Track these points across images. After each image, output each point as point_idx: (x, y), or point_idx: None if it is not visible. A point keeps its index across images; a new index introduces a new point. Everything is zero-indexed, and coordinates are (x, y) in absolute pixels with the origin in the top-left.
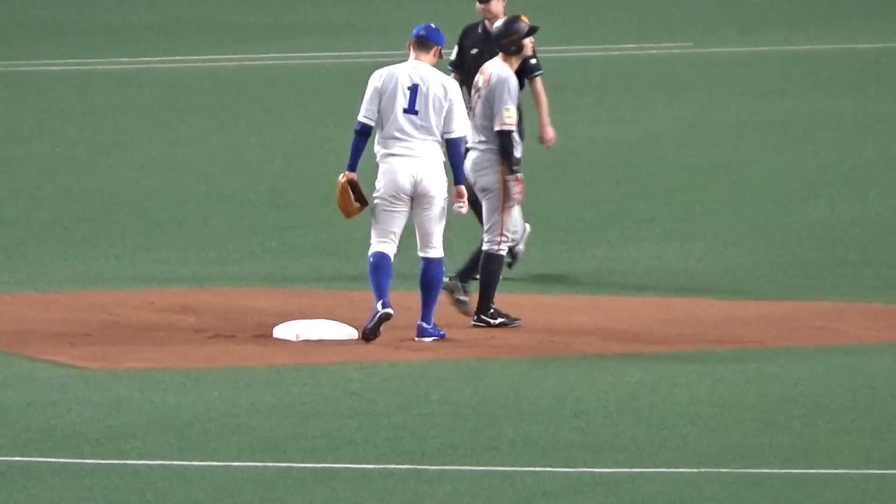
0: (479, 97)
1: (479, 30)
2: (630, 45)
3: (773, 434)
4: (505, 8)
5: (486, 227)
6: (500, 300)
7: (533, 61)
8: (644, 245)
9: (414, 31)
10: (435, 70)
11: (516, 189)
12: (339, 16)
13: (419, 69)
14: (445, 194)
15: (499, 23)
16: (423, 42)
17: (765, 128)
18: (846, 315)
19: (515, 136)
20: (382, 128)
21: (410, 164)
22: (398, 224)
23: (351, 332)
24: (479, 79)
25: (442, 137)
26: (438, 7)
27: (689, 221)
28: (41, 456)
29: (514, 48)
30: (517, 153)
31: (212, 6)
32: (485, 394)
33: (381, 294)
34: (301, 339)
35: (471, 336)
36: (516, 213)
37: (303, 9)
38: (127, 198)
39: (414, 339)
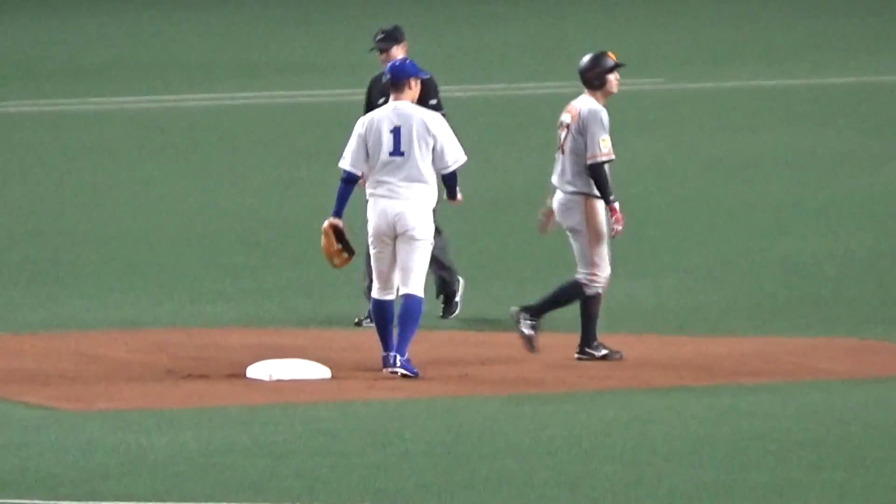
0: (567, 133)
1: (384, 78)
2: None
3: (747, 470)
4: (407, 54)
5: (579, 265)
6: (467, 336)
7: (433, 102)
8: (615, 282)
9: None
10: (415, 108)
11: (615, 220)
12: (309, 54)
13: (399, 110)
14: (430, 237)
15: (586, 57)
16: (394, 82)
17: (735, 163)
18: (818, 350)
19: (607, 167)
20: (372, 171)
21: (394, 205)
22: (387, 264)
23: (324, 372)
24: (566, 116)
25: (440, 174)
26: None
27: (660, 258)
28: (16, 497)
29: (597, 82)
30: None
31: (182, 46)
32: (458, 432)
33: (386, 345)
34: (274, 378)
35: (443, 374)
36: (605, 249)
37: (273, 48)
38: (99, 238)
39: (383, 370)
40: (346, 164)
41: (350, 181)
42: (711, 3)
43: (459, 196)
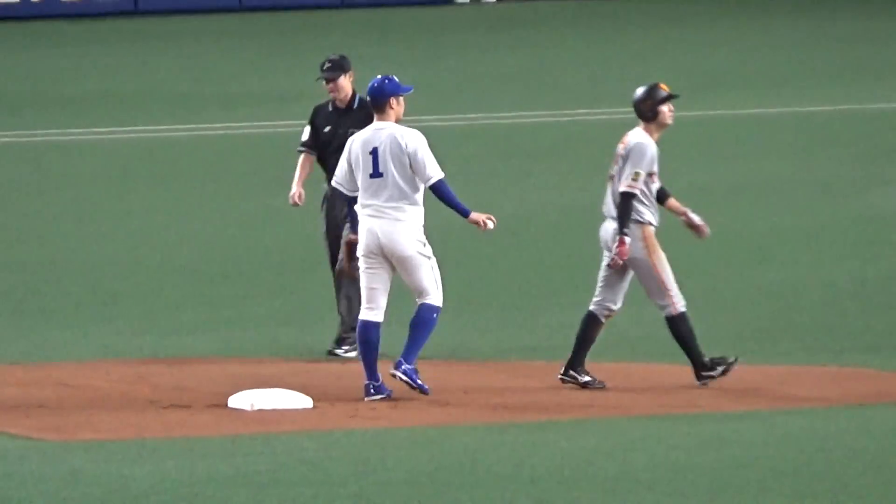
0: (620, 163)
1: (330, 108)
2: (581, 111)
3: (729, 499)
4: (353, 84)
5: (653, 297)
6: (449, 365)
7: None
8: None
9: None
10: (395, 127)
11: (621, 250)
12: (289, 84)
13: (379, 131)
14: (422, 251)
15: (639, 89)
16: (374, 104)
17: (718, 191)
18: (801, 379)
19: (644, 201)
20: (360, 192)
21: (378, 224)
22: (377, 282)
23: (306, 401)
24: (620, 147)
25: (427, 188)
26: (386, 70)
27: (642, 287)
28: None
29: (650, 114)
30: (652, 219)
31: (163, 76)
32: (440, 461)
33: (369, 373)
34: (256, 408)
35: (425, 402)
36: (670, 271)
37: (254, 78)
38: (80, 269)
39: (390, 371)
40: (336, 181)
41: (351, 200)
42: (694, 31)
43: (475, 215)
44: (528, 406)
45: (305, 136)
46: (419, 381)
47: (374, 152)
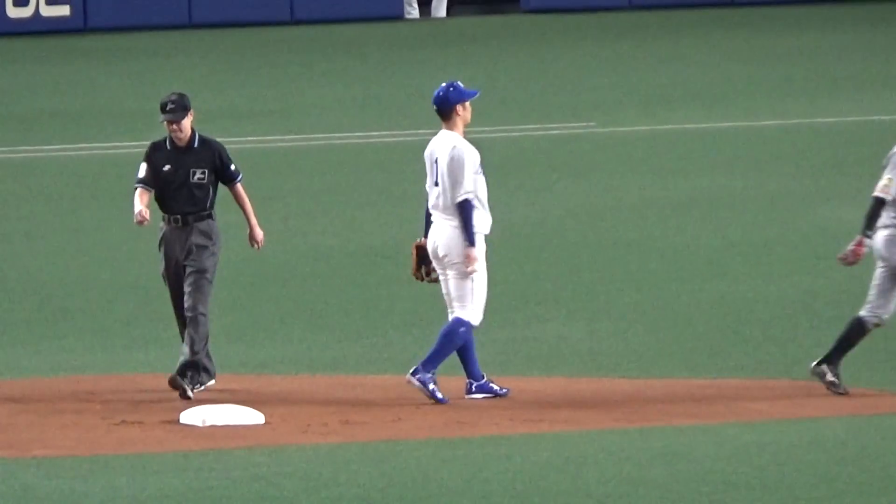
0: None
1: (168, 146)
2: (531, 126)
3: None
4: (193, 123)
5: (873, 299)
6: (398, 381)
7: (232, 168)
8: (549, 325)
9: None
10: (454, 139)
11: (855, 250)
12: (241, 101)
13: (438, 141)
14: (465, 259)
15: None
16: (440, 112)
17: (667, 206)
18: (752, 392)
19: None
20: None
21: (434, 231)
22: (446, 287)
23: (258, 417)
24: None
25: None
26: (338, 92)
27: (593, 301)
28: None
29: None
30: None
31: (112, 94)
32: (392, 477)
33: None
34: (208, 424)
35: (376, 418)
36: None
37: (205, 95)
38: (31, 286)
39: (406, 378)
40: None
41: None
42: (643, 46)
43: (471, 254)
44: (479, 421)
45: (142, 173)
46: (433, 389)
47: (436, 162)
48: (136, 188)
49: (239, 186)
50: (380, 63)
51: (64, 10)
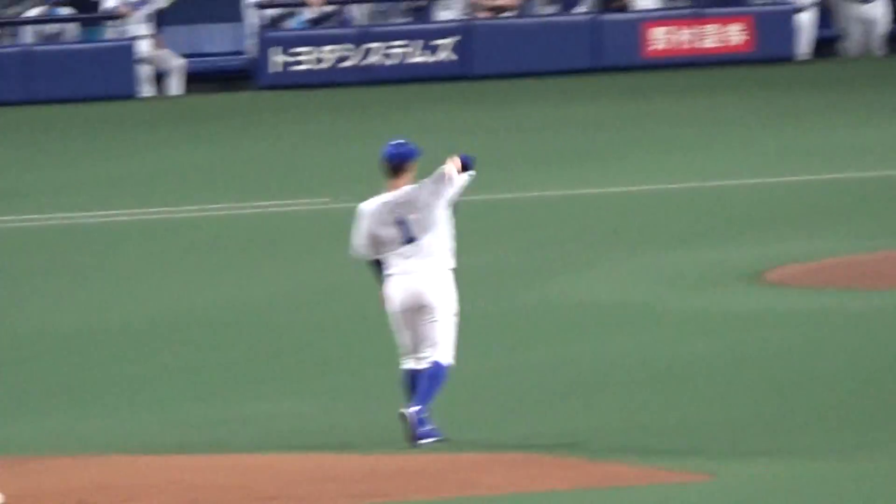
0: None
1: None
2: (274, 202)
3: None
4: None
5: None
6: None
7: None
8: (286, 403)
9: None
10: (405, 189)
11: None
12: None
13: (394, 197)
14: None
15: None
16: (397, 168)
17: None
18: (486, 466)
19: None
20: None
21: (412, 285)
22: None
23: None
24: None
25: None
26: (72, 173)
27: (328, 377)
28: None
29: None
30: None
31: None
32: None
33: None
34: None
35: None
36: None
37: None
38: None
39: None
40: None
41: None
42: (382, 119)
43: (452, 169)
44: (280, 494)
45: None
46: (427, 428)
47: (403, 221)
48: None
49: None
50: (115, 144)
51: None
